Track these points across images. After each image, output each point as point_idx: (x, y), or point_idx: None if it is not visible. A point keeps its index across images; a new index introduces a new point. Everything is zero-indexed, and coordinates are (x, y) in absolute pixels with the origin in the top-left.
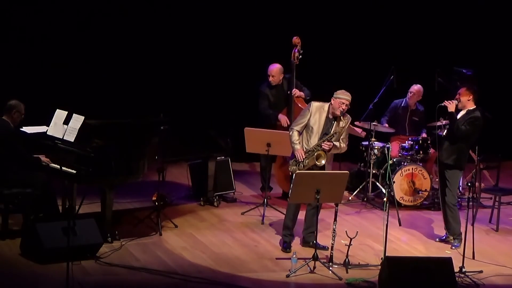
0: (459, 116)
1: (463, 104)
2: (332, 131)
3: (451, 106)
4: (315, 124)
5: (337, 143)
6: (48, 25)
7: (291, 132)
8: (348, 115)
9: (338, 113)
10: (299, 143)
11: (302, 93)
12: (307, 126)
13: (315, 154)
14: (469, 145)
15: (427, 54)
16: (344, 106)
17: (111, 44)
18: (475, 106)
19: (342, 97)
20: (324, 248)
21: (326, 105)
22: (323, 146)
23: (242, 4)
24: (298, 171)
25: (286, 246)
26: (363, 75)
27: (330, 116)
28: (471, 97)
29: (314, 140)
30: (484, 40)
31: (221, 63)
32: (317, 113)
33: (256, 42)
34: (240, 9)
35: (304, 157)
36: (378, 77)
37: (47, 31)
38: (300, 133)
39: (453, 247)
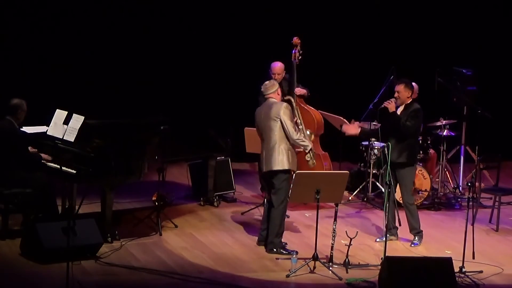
0: (398, 113)
1: (402, 101)
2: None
3: (391, 106)
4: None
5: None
6: (48, 25)
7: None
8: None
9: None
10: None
11: (304, 90)
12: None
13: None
14: (416, 139)
15: (427, 54)
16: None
17: (111, 44)
18: (411, 99)
19: (269, 88)
20: (291, 253)
21: (284, 102)
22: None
23: (242, 5)
24: (298, 171)
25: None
26: (363, 75)
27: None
28: (410, 93)
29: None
30: (484, 40)
31: (221, 63)
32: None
33: (256, 43)
34: (240, 10)
35: None
36: (378, 77)
37: (47, 31)
38: None
39: (412, 245)
